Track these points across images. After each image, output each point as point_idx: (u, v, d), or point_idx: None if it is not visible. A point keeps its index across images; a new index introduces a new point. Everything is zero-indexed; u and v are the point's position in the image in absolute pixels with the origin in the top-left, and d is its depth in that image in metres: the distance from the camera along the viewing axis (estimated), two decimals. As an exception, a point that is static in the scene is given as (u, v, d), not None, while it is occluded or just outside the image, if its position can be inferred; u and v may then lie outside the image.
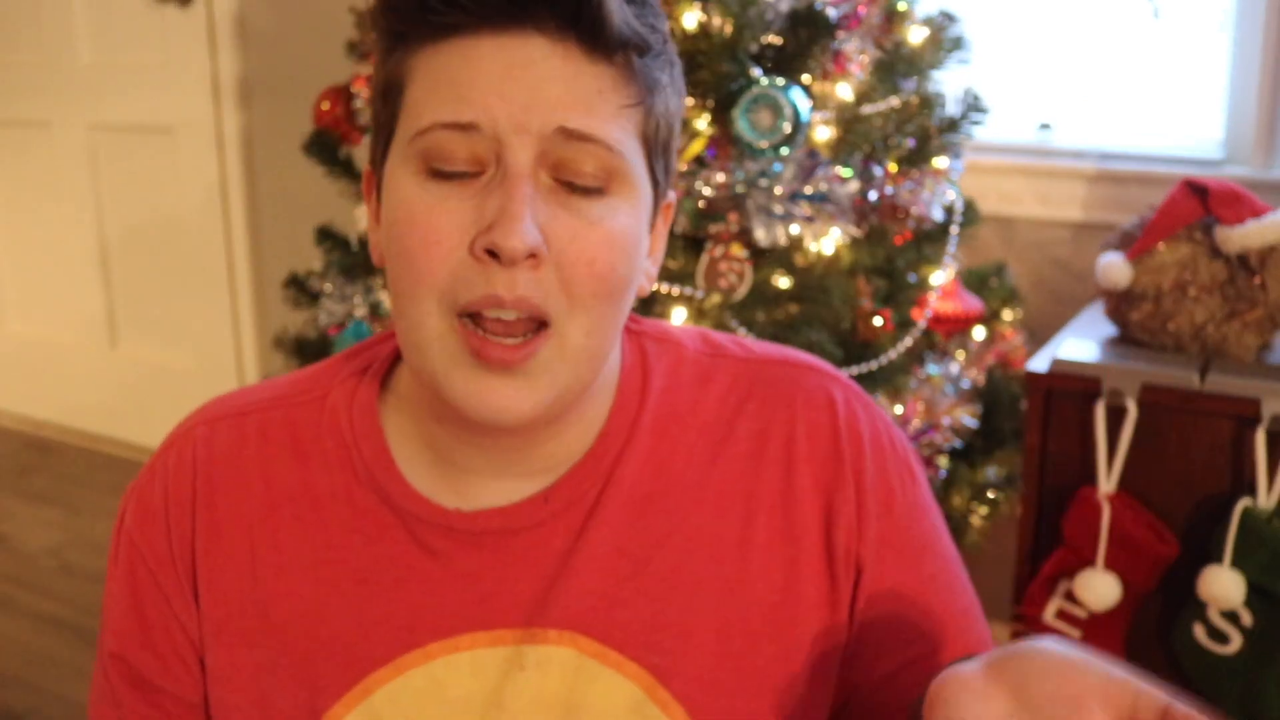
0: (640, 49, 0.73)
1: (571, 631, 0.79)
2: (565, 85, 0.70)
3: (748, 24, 1.56)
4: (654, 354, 0.85)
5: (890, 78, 1.76)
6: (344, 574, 0.81)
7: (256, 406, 0.86)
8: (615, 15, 0.70)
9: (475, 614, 0.80)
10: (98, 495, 3.13)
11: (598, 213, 0.72)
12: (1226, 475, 1.57)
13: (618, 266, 0.73)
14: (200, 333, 3.22)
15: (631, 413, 0.82)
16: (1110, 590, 1.59)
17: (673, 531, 0.81)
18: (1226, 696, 1.56)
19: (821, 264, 1.68)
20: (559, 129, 0.70)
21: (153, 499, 0.85)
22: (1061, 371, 1.65)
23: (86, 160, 3.29)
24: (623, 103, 0.72)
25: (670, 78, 0.76)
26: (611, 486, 0.81)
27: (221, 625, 0.83)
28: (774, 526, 0.82)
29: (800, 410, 0.84)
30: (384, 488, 0.82)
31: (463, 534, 0.80)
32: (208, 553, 0.83)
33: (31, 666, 2.40)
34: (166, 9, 2.99)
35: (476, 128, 0.70)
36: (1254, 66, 2.08)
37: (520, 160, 0.70)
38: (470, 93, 0.70)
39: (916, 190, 1.69)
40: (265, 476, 0.83)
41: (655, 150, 0.76)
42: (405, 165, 0.73)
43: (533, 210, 0.70)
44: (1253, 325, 1.62)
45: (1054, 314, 2.20)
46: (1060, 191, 2.24)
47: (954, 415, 1.79)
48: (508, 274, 0.70)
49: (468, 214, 0.71)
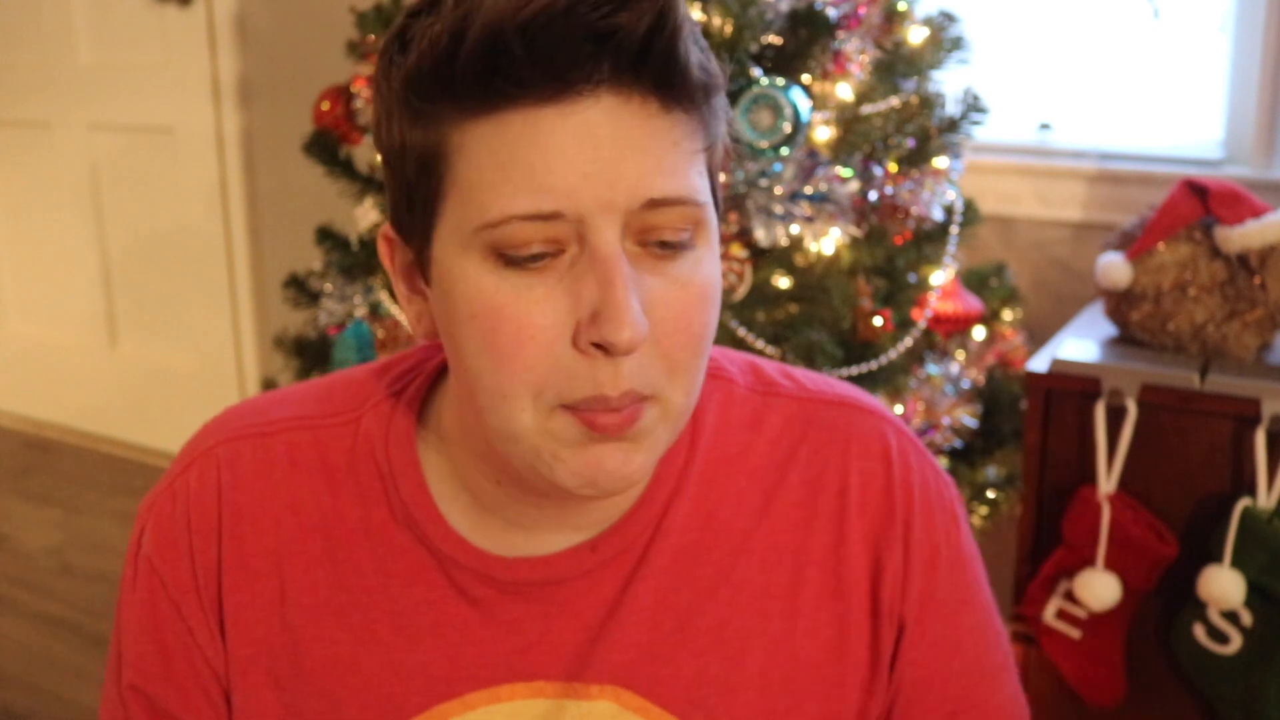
0: (711, 91, 0.68)
1: (614, 685, 0.77)
2: (644, 149, 0.65)
3: (748, 24, 1.56)
4: (705, 392, 0.80)
5: (890, 78, 1.76)
6: (379, 619, 0.78)
7: (283, 426, 0.81)
8: (692, 62, 0.66)
9: (516, 665, 0.77)
10: (98, 495, 3.13)
11: (688, 270, 0.68)
12: (1226, 475, 1.57)
13: (710, 323, 0.70)
14: (200, 332, 3.22)
15: (682, 459, 0.79)
16: (1110, 590, 1.59)
17: (720, 583, 0.78)
18: (1226, 697, 1.56)
19: (821, 264, 1.68)
20: (647, 202, 0.65)
21: (174, 523, 0.80)
22: (1061, 371, 1.65)
23: (86, 160, 3.29)
24: (697, 148, 0.68)
25: (724, 105, 0.72)
26: (659, 537, 0.78)
27: (249, 664, 0.79)
28: (824, 581, 0.79)
29: (854, 459, 0.81)
30: (422, 528, 0.78)
31: (505, 583, 0.77)
32: (235, 587, 0.79)
33: (31, 667, 2.40)
34: (166, 9, 2.99)
35: (560, 216, 0.64)
36: (1254, 66, 2.08)
37: (610, 240, 0.65)
38: (548, 178, 0.64)
39: (916, 190, 1.69)
40: (294, 506, 0.79)
41: (717, 179, 0.73)
42: (469, 253, 0.67)
43: (635, 288, 0.65)
44: (1253, 325, 1.62)
45: (1054, 314, 2.20)
46: (1060, 191, 2.24)
47: (954, 415, 1.79)
48: (613, 365, 0.66)
49: (561, 303, 0.66)
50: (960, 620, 0.82)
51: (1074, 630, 1.64)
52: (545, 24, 0.62)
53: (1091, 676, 1.65)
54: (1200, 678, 1.59)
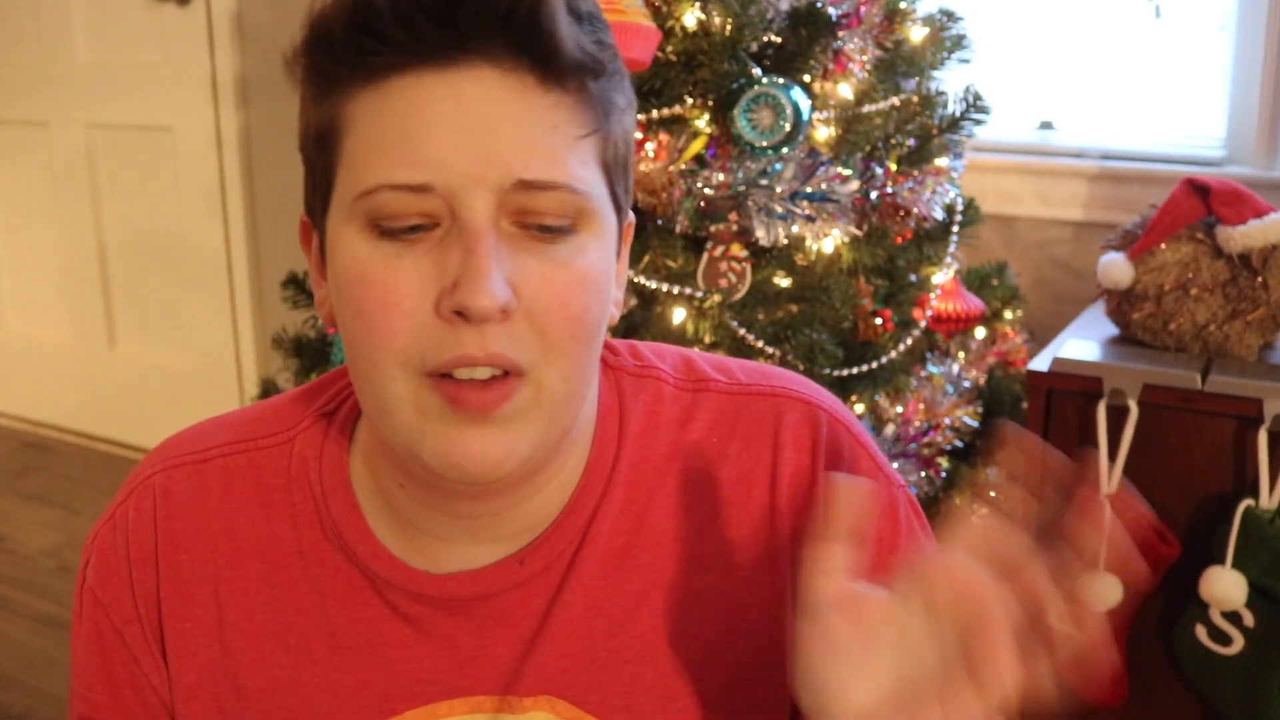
0: (595, 72, 0.67)
1: (549, 696, 0.76)
2: (520, 126, 0.65)
3: (748, 23, 1.56)
4: (631, 392, 0.80)
5: (891, 77, 1.76)
6: (315, 640, 0.78)
7: (218, 452, 0.81)
8: (568, 38, 0.65)
9: (453, 681, 0.77)
10: (96, 496, 3.12)
11: (566, 254, 0.67)
12: (1228, 476, 1.57)
13: (591, 307, 0.68)
14: (199, 332, 3.21)
15: (608, 463, 0.77)
16: (1111, 591, 1.58)
17: (651, 588, 0.77)
18: (1228, 697, 1.56)
19: (822, 264, 1.68)
20: (518, 182, 0.65)
21: (115, 553, 0.80)
22: (1063, 371, 1.64)
23: (85, 160, 3.28)
24: (580, 133, 0.67)
25: (625, 97, 0.71)
26: (586, 544, 0.76)
27: (193, 691, 0.79)
28: (760, 581, 0.77)
29: (784, 450, 0.78)
30: (353, 548, 0.77)
31: (436, 600, 0.76)
32: (174, 614, 0.79)
33: (29, 668, 2.39)
34: (165, 8, 2.99)
35: (430, 188, 0.65)
36: (1255, 65, 2.07)
37: (479, 214, 0.65)
38: (421, 148, 0.65)
39: (917, 190, 1.69)
40: (229, 530, 0.79)
41: (616, 174, 0.71)
42: (350, 223, 0.68)
43: (498, 262, 0.65)
44: (1255, 325, 1.62)
45: (1055, 314, 2.20)
46: (1061, 191, 2.24)
47: (955, 415, 1.78)
48: (478, 331, 0.65)
49: (427, 272, 0.66)
50: None
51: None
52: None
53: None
54: (1202, 678, 1.58)
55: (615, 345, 0.82)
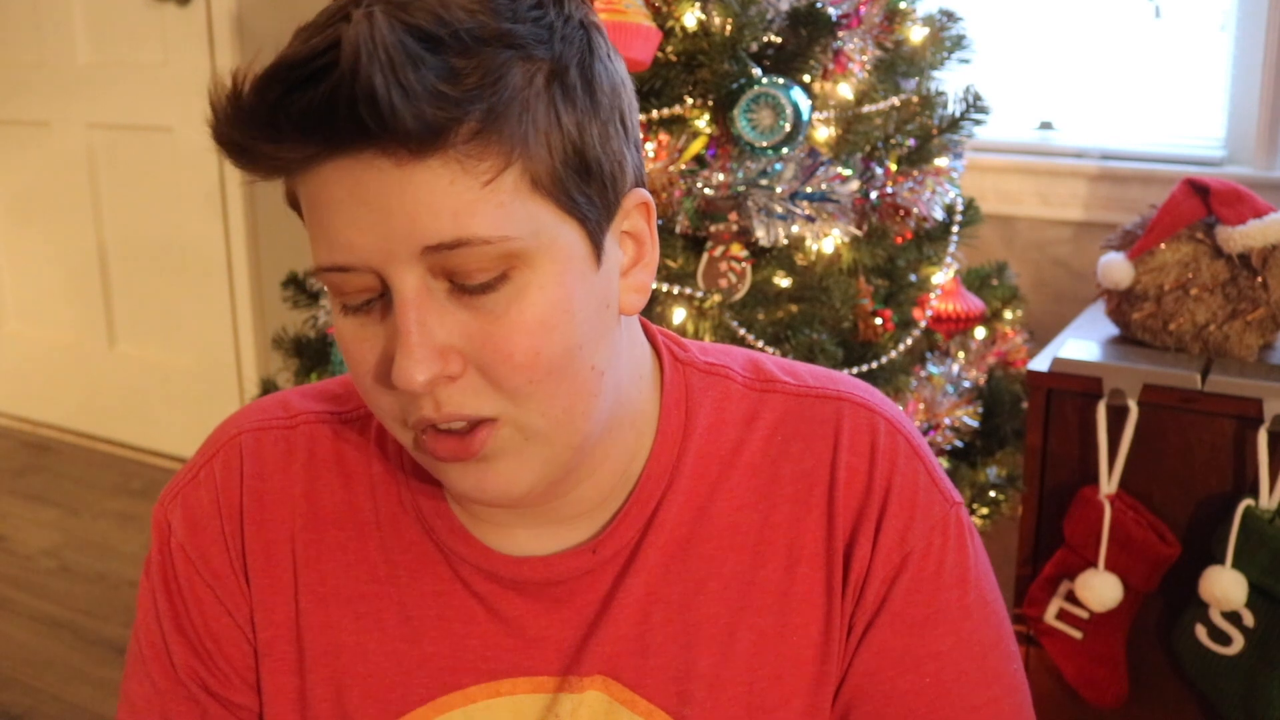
0: (459, 118, 0.62)
1: (604, 676, 0.78)
2: (411, 195, 0.63)
3: (748, 23, 1.56)
4: (699, 388, 0.81)
5: (891, 77, 1.76)
6: (386, 608, 0.80)
7: (305, 419, 0.84)
8: (402, 111, 0.60)
9: (517, 660, 0.79)
10: (96, 496, 3.12)
11: (501, 304, 0.66)
12: (1228, 476, 1.57)
13: (544, 348, 0.67)
14: (199, 332, 3.21)
15: (673, 454, 0.79)
16: (1111, 591, 1.59)
17: (710, 577, 0.79)
18: (1229, 697, 1.56)
19: (822, 264, 1.68)
20: (424, 249, 0.65)
21: (203, 509, 0.83)
22: (1063, 371, 1.64)
23: (85, 159, 3.28)
24: (486, 177, 0.64)
25: (548, 101, 0.66)
26: (652, 531, 0.79)
27: (269, 647, 0.82)
28: (816, 578, 0.79)
29: (842, 454, 0.79)
30: (430, 522, 0.80)
31: (508, 580, 0.79)
32: (257, 570, 0.82)
33: (29, 668, 2.39)
34: (165, 8, 2.99)
35: (352, 268, 0.67)
36: (1255, 65, 2.07)
37: (404, 287, 0.66)
38: (332, 233, 0.67)
39: (917, 190, 1.68)
40: (310, 495, 0.82)
41: (569, 183, 0.67)
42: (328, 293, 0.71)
43: (431, 330, 0.66)
44: (1255, 325, 1.62)
45: (1055, 314, 2.20)
46: (1061, 191, 2.24)
47: (955, 415, 1.78)
48: (428, 396, 0.68)
49: (379, 345, 0.69)
50: (924, 640, 0.78)
51: (1075, 631, 1.63)
52: (260, 113, 0.64)
53: (1093, 677, 1.65)
54: (1202, 678, 1.58)
55: (683, 342, 0.84)
